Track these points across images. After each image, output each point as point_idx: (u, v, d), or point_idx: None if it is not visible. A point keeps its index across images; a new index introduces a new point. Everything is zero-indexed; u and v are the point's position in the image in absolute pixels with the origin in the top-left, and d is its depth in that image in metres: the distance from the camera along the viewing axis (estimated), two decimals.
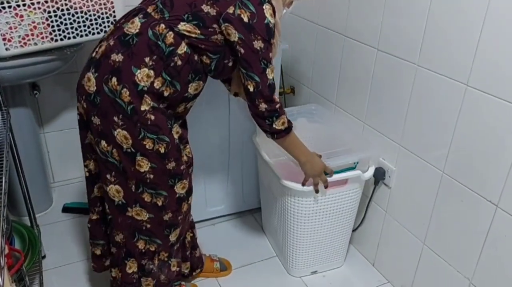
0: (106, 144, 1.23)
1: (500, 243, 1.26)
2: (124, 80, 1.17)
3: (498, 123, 1.20)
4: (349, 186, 1.59)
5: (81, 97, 1.24)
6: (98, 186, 1.40)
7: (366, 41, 1.62)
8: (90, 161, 1.35)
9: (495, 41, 1.17)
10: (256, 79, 1.23)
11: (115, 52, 1.18)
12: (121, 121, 1.19)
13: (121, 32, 1.19)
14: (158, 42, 1.16)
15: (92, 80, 1.20)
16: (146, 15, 1.19)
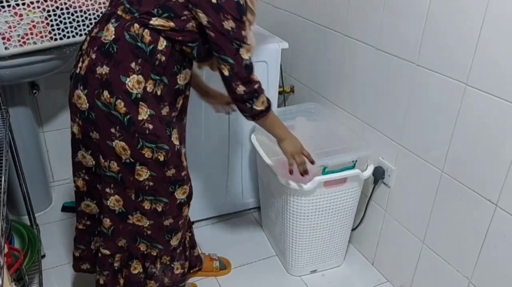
0: (103, 159, 1.23)
1: (500, 242, 1.26)
2: (116, 91, 1.15)
3: (497, 122, 1.20)
4: (348, 185, 1.59)
5: (75, 116, 1.23)
6: (86, 204, 1.40)
7: (365, 41, 1.62)
8: (78, 178, 1.35)
9: (494, 40, 1.16)
10: (230, 61, 1.18)
11: (99, 65, 1.15)
12: (118, 133, 1.18)
13: (99, 42, 1.16)
14: (138, 44, 1.14)
15: (82, 97, 1.18)
16: (117, 18, 1.16)
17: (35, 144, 1.98)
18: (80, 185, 1.36)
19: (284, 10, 2.09)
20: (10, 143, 1.52)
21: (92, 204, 1.40)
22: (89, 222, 1.43)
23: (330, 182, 1.55)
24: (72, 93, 1.22)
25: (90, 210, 1.41)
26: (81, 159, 1.30)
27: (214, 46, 1.17)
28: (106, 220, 1.33)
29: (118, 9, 1.17)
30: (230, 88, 1.23)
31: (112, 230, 1.34)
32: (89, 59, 1.17)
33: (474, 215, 1.32)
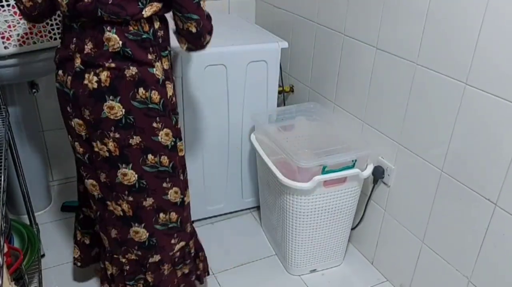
0: (153, 156, 1.26)
1: (499, 241, 1.26)
2: (150, 84, 1.19)
3: (497, 121, 1.20)
4: (348, 184, 1.59)
5: (109, 131, 1.21)
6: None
7: (365, 40, 1.62)
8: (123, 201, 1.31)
9: (494, 39, 1.17)
10: (195, 17, 1.18)
11: (126, 68, 1.16)
12: (160, 123, 1.23)
13: (109, 54, 1.15)
14: (143, 37, 1.17)
15: (116, 106, 1.18)
16: (111, 25, 1.14)
17: (34, 144, 1.98)
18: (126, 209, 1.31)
19: (284, 9, 2.09)
20: (9, 143, 1.52)
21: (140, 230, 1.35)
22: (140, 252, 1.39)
23: (329, 182, 1.55)
24: (98, 111, 1.19)
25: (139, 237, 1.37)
26: (122, 179, 1.27)
27: (177, 6, 1.17)
28: (173, 214, 1.36)
29: (103, 17, 1.13)
30: (198, 43, 1.25)
31: (180, 221, 1.39)
32: (107, 70, 1.16)
33: (474, 214, 1.32)
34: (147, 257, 1.38)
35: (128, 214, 1.32)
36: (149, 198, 1.30)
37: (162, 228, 1.36)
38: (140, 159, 1.25)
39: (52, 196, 2.16)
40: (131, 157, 1.24)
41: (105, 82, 1.16)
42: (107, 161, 1.25)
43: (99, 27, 1.14)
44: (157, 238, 1.36)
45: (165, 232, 1.37)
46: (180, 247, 1.42)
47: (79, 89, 1.19)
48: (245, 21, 2.15)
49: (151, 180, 1.28)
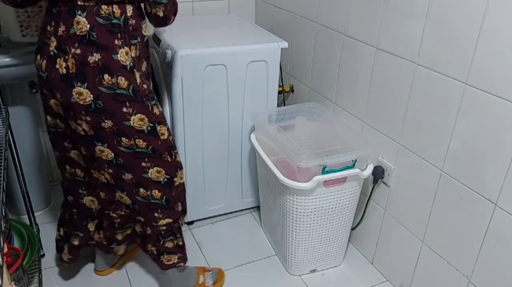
0: (127, 139, 1.31)
1: (499, 241, 1.26)
2: (115, 70, 1.23)
3: (497, 121, 1.20)
4: (348, 184, 1.59)
5: (80, 114, 1.27)
6: (119, 195, 1.46)
7: (365, 40, 1.62)
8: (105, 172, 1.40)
9: (494, 39, 1.17)
10: (164, 2, 1.28)
11: (89, 55, 1.20)
12: (131, 108, 1.27)
13: (76, 37, 1.20)
14: (112, 22, 1.21)
15: (84, 92, 1.23)
16: (82, 8, 1.19)
17: (34, 144, 1.98)
18: (108, 178, 1.41)
19: (284, 9, 2.09)
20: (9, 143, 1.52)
21: (124, 195, 1.45)
22: (128, 210, 1.50)
23: (329, 182, 1.55)
24: (68, 96, 1.24)
25: (124, 201, 1.47)
26: (100, 154, 1.34)
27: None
28: (155, 191, 1.41)
29: (77, 1, 1.19)
30: (164, 24, 1.34)
31: (165, 199, 1.44)
32: (72, 56, 1.21)
33: (474, 214, 1.32)
34: (134, 216, 1.50)
35: (111, 182, 1.42)
36: (128, 173, 1.38)
37: (143, 200, 1.43)
38: (115, 141, 1.31)
39: (52, 196, 2.16)
40: (106, 138, 1.31)
41: (72, 68, 1.21)
42: (84, 138, 1.33)
43: (72, 11, 1.20)
44: (139, 206, 1.45)
45: (147, 205, 1.44)
46: (166, 222, 1.48)
47: (52, 73, 1.24)
48: (245, 21, 2.15)
49: (128, 159, 1.35)
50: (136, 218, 1.51)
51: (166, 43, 1.75)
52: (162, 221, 1.47)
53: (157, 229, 1.48)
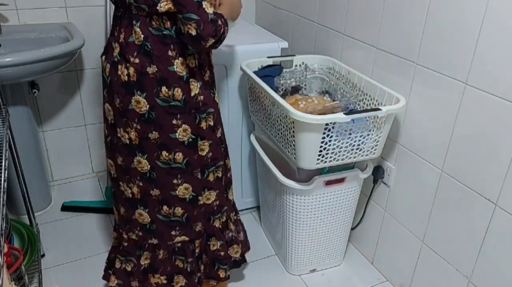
0: (167, 153, 1.30)
1: (499, 241, 1.26)
2: (172, 82, 1.22)
3: (497, 121, 1.20)
4: (347, 184, 1.59)
5: (133, 122, 1.27)
6: (139, 213, 1.41)
7: (365, 40, 1.62)
8: (134, 185, 1.37)
9: (494, 40, 1.16)
10: (195, 17, 1.11)
11: (147, 66, 1.20)
12: (180, 120, 1.27)
13: (135, 46, 1.21)
14: (164, 32, 1.19)
15: (142, 101, 1.24)
16: (136, 18, 1.19)
17: (34, 144, 1.98)
18: (135, 192, 1.38)
19: (284, 9, 2.09)
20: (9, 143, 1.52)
21: (144, 213, 1.40)
22: (141, 233, 1.44)
23: (329, 182, 1.55)
24: (127, 102, 1.25)
25: (142, 219, 1.42)
26: (136, 165, 1.33)
27: (177, 7, 1.13)
28: (178, 209, 1.39)
29: (132, 9, 1.19)
30: (199, 46, 1.17)
31: (186, 217, 1.41)
32: (133, 65, 1.21)
33: (474, 214, 1.32)
34: (146, 239, 1.44)
35: (137, 197, 1.39)
36: (156, 189, 1.36)
37: (164, 219, 1.40)
38: (155, 153, 1.30)
39: (52, 196, 2.16)
40: (148, 149, 1.30)
41: (133, 77, 1.22)
42: (126, 147, 1.32)
43: (129, 19, 1.20)
44: (157, 225, 1.42)
45: (167, 224, 1.41)
46: (181, 240, 1.44)
47: (114, 77, 1.25)
48: (245, 21, 2.15)
49: (161, 175, 1.34)
50: (148, 242, 1.44)
51: None
52: (178, 238, 1.44)
53: (172, 246, 1.45)
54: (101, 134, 2.26)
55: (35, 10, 1.93)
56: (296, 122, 1.33)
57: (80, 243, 1.88)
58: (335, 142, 1.39)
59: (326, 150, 1.39)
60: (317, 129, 1.33)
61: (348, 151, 1.44)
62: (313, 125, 1.32)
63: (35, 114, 2.08)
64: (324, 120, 1.31)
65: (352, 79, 1.64)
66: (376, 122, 1.42)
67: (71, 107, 2.16)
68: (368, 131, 1.42)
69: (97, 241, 1.90)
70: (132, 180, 1.36)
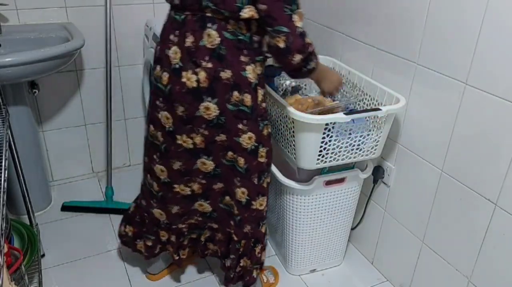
0: (232, 153, 1.31)
1: (499, 241, 1.26)
2: (243, 88, 1.22)
3: (497, 121, 1.20)
4: (347, 184, 1.59)
5: (199, 127, 1.26)
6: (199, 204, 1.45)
7: (365, 40, 1.62)
8: (194, 183, 1.39)
9: (494, 40, 1.17)
10: (285, 30, 1.12)
11: (221, 71, 1.18)
12: (246, 126, 1.27)
13: (206, 50, 1.18)
14: (239, 37, 1.18)
15: (212, 107, 1.22)
16: (212, 21, 1.16)
17: (34, 144, 1.98)
18: (195, 189, 1.40)
19: None
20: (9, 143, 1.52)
21: (205, 204, 1.45)
22: (201, 218, 1.49)
23: (329, 182, 1.55)
24: (193, 109, 1.23)
25: (203, 209, 1.46)
26: (200, 166, 1.35)
27: (267, 19, 1.13)
28: (235, 208, 1.42)
29: (206, 12, 1.16)
30: (286, 61, 1.17)
31: (239, 219, 1.43)
32: (205, 69, 1.19)
33: (474, 215, 1.32)
34: (206, 222, 1.50)
35: (197, 192, 1.41)
36: (220, 183, 1.38)
37: (225, 207, 1.44)
38: (220, 153, 1.32)
39: (52, 196, 2.16)
40: (214, 151, 1.31)
41: (204, 82, 1.19)
42: (188, 152, 1.32)
43: (201, 22, 1.17)
44: (218, 213, 1.46)
45: (227, 213, 1.45)
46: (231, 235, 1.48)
47: (176, 86, 1.22)
48: None
49: (226, 170, 1.35)
50: (208, 225, 1.51)
51: None
52: (231, 230, 1.48)
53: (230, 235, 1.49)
54: (101, 134, 2.27)
55: (35, 10, 1.92)
56: (296, 122, 1.33)
57: (80, 243, 1.88)
58: (335, 142, 1.39)
59: (326, 150, 1.39)
60: (317, 129, 1.33)
61: (348, 151, 1.44)
62: (313, 125, 1.32)
63: (35, 114, 2.08)
64: (324, 120, 1.31)
65: (352, 79, 1.65)
66: (376, 122, 1.42)
67: (71, 107, 2.16)
68: (368, 131, 1.42)
69: (97, 241, 1.90)
70: (193, 179, 1.37)
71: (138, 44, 2.16)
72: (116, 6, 2.03)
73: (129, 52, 2.16)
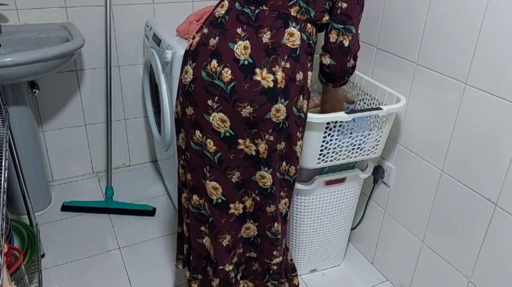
0: (285, 164, 1.22)
1: (499, 241, 1.26)
2: (306, 93, 1.18)
3: (497, 121, 1.20)
4: (347, 184, 1.59)
5: (266, 133, 1.14)
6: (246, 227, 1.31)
7: (365, 40, 1.62)
8: (249, 197, 1.26)
9: (494, 39, 1.17)
10: (353, 31, 1.18)
11: (297, 72, 1.13)
12: (301, 133, 1.21)
13: (287, 49, 1.12)
14: (309, 42, 1.16)
15: (282, 109, 1.13)
16: (296, 21, 1.12)
17: (34, 144, 1.98)
18: (248, 205, 1.27)
19: None
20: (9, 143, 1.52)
21: (252, 226, 1.30)
22: (242, 249, 1.34)
23: (329, 182, 1.55)
24: (265, 110, 1.12)
25: (248, 233, 1.32)
26: (258, 179, 1.21)
27: (343, 17, 1.16)
28: (280, 225, 1.29)
29: (291, 11, 1.11)
30: (342, 61, 1.22)
31: (281, 234, 1.32)
32: (284, 69, 1.11)
33: (474, 215, 1.32)
34: (245, 252, 1.36)
35: (249, 211, 1.27)
36: (273, 205, 1.25)
37: (272, 236, 1.30)
38: (277, 165, 1.21)
39: (52, 196, 2.16)
40: (273, 162, 1.19)
41: (281, 83, 1.11)
42: (249, 159, 1.18)
43: (283, 20, 1.11)
44: (262, 241, 1.32)
45: (272, 242, 1.31)
46: (279, 261, 1.35)
47: (245, 84, 1.10)
48: None
49: (278, 187, 1.24)
50: (246, 254, 1.36)
51: (166, 43, 1.74)
52: (277, 259, 1.34)
53: (267, 266, 1.36)
54: (101, 134, 2.27)
55: (35, 10, 1.93)
56: None
57: (80, 243, 1.88)
58: (336, 141, 1.39)
59: (327, 149, 1.39)
60: (319, 128, 1.33)
61: (349, 151, 1.44)
62: (314, 124, 1.32)
63: (35, 114, 2.08)
64: (325, 119, 1.31)
65: (353, 79, 1.65)
66: (377, 122, 1.42)
67: (71, 107, 2.16)
68: (369, 131, 1.42)
69: (97, 241, 1.90)
70: (248, 193, 1.24)
71: (138, 44, 2.16)
72: (116, 6, 2.04)
73: (129, 52, 2.16)
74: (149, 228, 1.98)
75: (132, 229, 1.97)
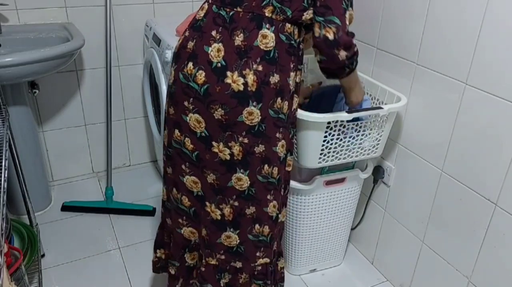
0: (268, 167, 1.20)
1: (499, 241, 1.26)
2: (286, 95, 1.15)
3: (496, 121, 1.20)
4: (347, 184, 1.59)
5: (239, 135, 1.15)
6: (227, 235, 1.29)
7: (365, 40, 1.62)
8: (227, 205, 1.25)
9: (494, 40, 1.17)
10: (337, 22, 1.08)
11: (271, 75, 1.11)
12: (281, 134, 1.18)
13: (259, 51, 1.10)
14: (291, 42, 1.13)
15: (255, 112, 1.12)
16: (270, 22, 1.10)
17: (34, 144, 1.98)
18: (226, 213, 1.26)
19: None
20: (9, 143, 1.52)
21: (234, 235, 1.28)
22: (224, 256, 1.32)
23: (329, 182, 1.55)
24: (236, 113, 1.12)
25: (229, 242, 1.29)
26: (234, 183, 1.21)
27: (322, 9, 1.09)
28: (266, 227, 1.28)
29: (265, 11, 1.09)
30: (332, 55, 1.11)
31: (270, 237, 1.30)
32: (255, 72, 1.10)
33: (474, 215, 1.32)
34: (229, 262, 1.32)
35: (227, 219, 1.25)
36: (252, 207, 1.24)
37: (253, 239, 1.29)
38: (257, 168, 1.19)
39: (52, 196, 2.16)
40: (251, 165, 1.18)
41: (252, 86, 1.11)
42: (224, 164, 1.19)
43: (256, 21, 1.10)
44: (246, 247, 1.30)
45: (255, 244, 1.30)
46: (263, 262, 1.33)
47: (217, 87, 1.11)
48: None
49: (260, 190, 1.22)
50: (231, 265, 1.33)
51: (166, 43, 1.75)
52: (261, 260, 1.32)
53: (253, 269, 1.33)
54: (101, 134, 2.27)
55: (35, 10, 1.93)
56: (298, 120, 1.33)
57: (80, 243, 1.88)
58: (337, 141, 1.39)
59: (328, 148, 1.39)
60: (319, 127, 1.33)
61: (350, 150, 1.44)
62: (315, 124, 1.32)
63: (35, 114, 2.08)
64: (326, 118, 1.31)
65: None
66: (378, 121, 1.42)
67: (71, 107, 2.16)
68: (369, 130, 1.42)
69: (97, 241, 1.90)
70: (226, 200, 1.23)
71: (138, 44, 2.16)
72: (116, 6, 2.04)
73: (129, 52, 2.16)
74: (149, 228, 1.98)
75: (132, 229, 1.97)
